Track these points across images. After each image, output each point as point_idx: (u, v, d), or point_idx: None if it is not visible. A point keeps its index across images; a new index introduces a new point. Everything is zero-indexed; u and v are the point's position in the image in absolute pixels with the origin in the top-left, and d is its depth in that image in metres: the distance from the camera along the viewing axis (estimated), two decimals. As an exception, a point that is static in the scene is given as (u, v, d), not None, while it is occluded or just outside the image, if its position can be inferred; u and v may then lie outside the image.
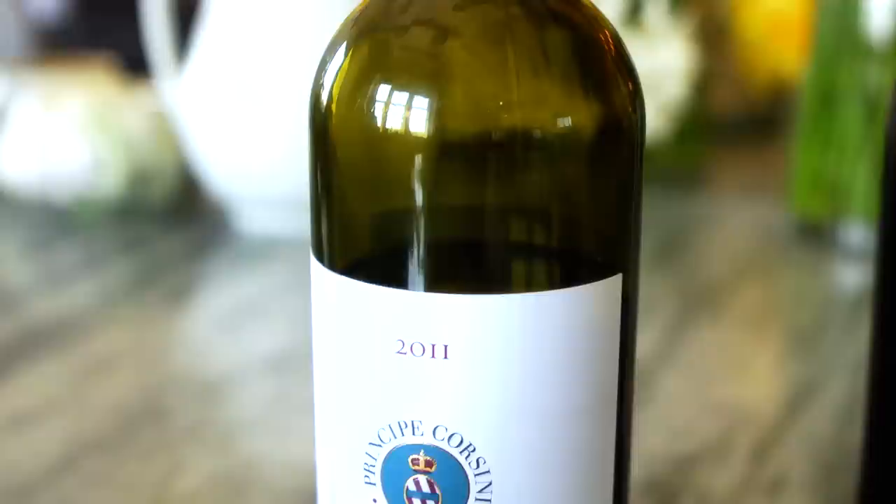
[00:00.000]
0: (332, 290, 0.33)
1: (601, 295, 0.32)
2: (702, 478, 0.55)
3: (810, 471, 0.56)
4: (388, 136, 0.32)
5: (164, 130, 0.88)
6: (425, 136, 0.32)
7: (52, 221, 0.88)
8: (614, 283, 0.33)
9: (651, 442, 0.58)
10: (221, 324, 0.74)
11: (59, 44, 1.35)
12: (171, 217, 0.89)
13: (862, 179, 0.81)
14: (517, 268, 0.33)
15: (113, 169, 0.85)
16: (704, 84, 0.96)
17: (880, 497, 0.40)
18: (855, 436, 0.44)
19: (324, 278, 0.34)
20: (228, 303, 0.77)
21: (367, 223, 0.34)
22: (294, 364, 0.66)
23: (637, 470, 0.55)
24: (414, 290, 0.32)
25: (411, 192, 0.32)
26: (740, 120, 1.09)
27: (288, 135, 0.81)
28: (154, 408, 0.62)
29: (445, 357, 0.32)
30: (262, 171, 0.83)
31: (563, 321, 0.32)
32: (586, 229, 0.33)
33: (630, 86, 0.34)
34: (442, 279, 0.32)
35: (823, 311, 0.77)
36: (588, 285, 0.32)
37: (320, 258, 0.34)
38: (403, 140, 0.32)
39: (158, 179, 0.88)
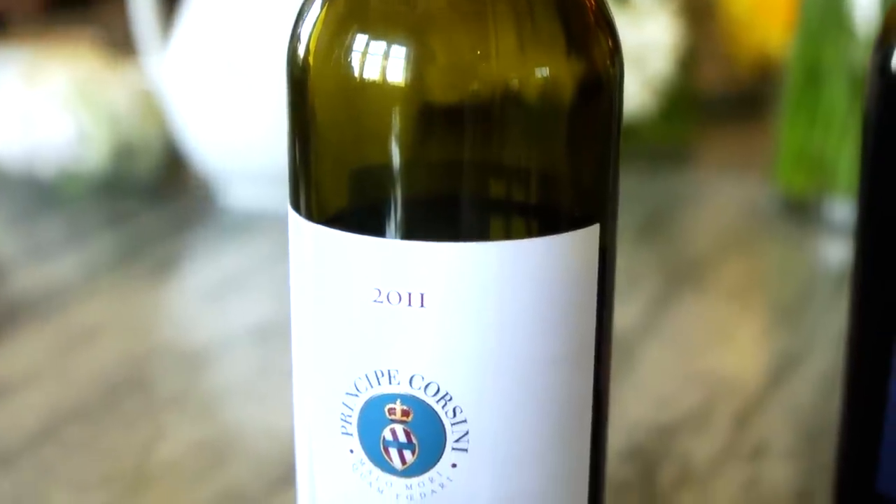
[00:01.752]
0: (310, 240, 0.33)
1: (578, 244, 0.32)
2: (684, 445, 0.55)
3: (792, 439, 0.56)
4: (365, 87, 0.32)
5: (149, 105, 0.88)
6: (403, 86, 0.32)
7: (37, 195, 0.87)
8: (591, 232, 0.33)
9: (634, 411, 0.58)
10: (205, 295, 0.74)
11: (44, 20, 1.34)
12: (156, 192, 0.89)
13: (847, 156, 0.81)
14: (494, 216, 0.33)
15: (97, 143, 0.85)
16: (690, 60, 0.95)
17: (860, 464, 0.40)
18: (836, 405, 0.45)
19: (301, 229, 0.33)
20: (213, 275, 0.77)
21: (345, 174, 0.34)
22: (277, 335, 0.66)
23: (620, 438, 0.55)
24: (391, 238, 0.32)
25: (389, 143, 0.32)
26: (726, 97, 1.09)
27: (272, 110, 0.81)
28: (137, 377, 0.62)
29: (422, 305, 0.32)
30: (247, 146, 0.83)
31: (540, 270, 0.32)
32: (564, 180, 0.33)
33: (610, 41, 0.34)
34: (419, 227, 0.32)
35: (807, 286, 0.77)
36: (565, 234, 0.32)
37: (297, 209, 0.34)
38: (381, 90, 0.32)
39: (143, 154, 0.87)
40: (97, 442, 0.55)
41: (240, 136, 0.83)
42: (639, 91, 0.89)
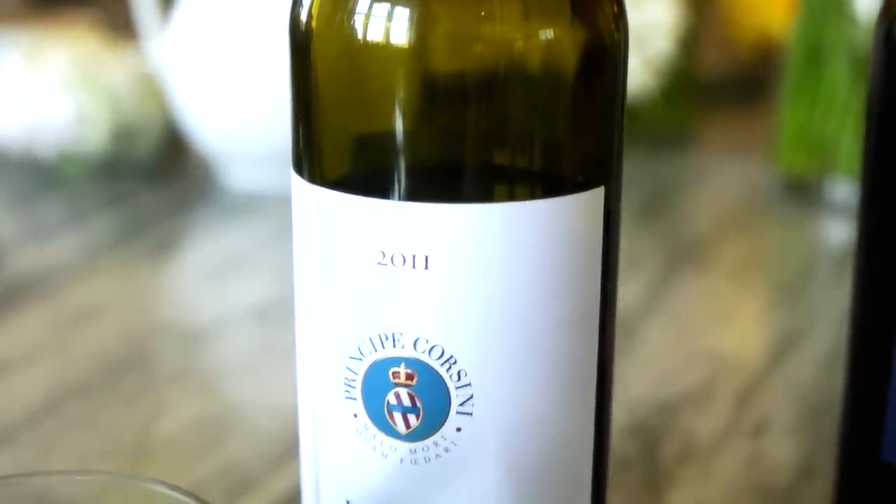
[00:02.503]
0: (313, 203, 0.33)
1: (583, 206, 0.32)
2: (686, 422, 0.55)
3: (793, 415, 0.56)
4: (368, 50, 0.32)
5: (149, 86, 0.88)
6: (406, 48, 0.32)
7: (36, 177, 0.87)
8: (596, 195, 0.33)
9: (636, 388, 0.58)
10: (206, 275, 0.73)
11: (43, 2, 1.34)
12: (156, 173, 0.89)
13: (848, 136, 0.81)
14: (498, 178, 0.32)
15: (97, 124, 0.85)
16: (691, 42, 0.95)
17: (863, 432, 0.40)
18: (838, 383, 0.45)
19: (305, 192, 0.33)
20: (213, 255, 0.77)
21: (349, 137, 0.33)
22: (278, 314, 0.66)
23: (622, 415, 0.55)
24: (394, 199, 0.32)
25: (393, 106, 0.32)
26: (727, 80, 1.08)
27: (273, 90, 0.81)
28: (137, 355, 0.62)
29: (426, 268, 0.31)
30: (247, 127, 0.83)
31: (544, 232, 0.32)
32: (569, 143, 0.33)
33: (614, 5, 0.34)
34: (423, 189, 0.32)
35: (808, 266, 0.77)
36: (570, 196, 0.32)
37: (301, 172, 0.34)
38: (384, 54, 0.32)
39: (143, 135, 0.87)
40: (98, 418, 0.55)
41: (240, 117, 0.83)
42: (640, 71, 0.89)
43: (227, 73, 0.82)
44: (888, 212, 0.39)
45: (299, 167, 0.34)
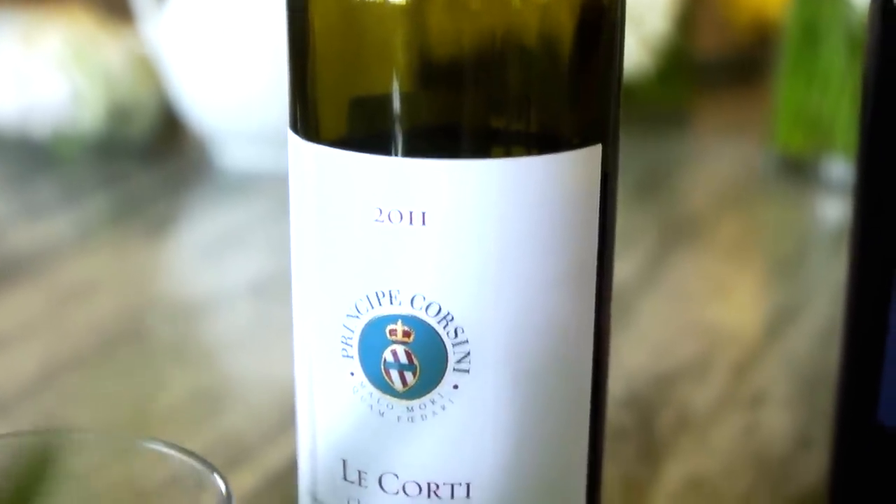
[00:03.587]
0: (310, 161, 0.33)
1: (580, 164, 0.32)
2: (683, 394, 0.55)
3: (789, 388, 0.56)
4: (365, 6, 0.32)
5: (145, 66, 0.88)
6: (403, 4, 0.31)
7: (32, 156, 0.87)
8: (593, 153, 0.33)
9: (632, 361, 0.58)
10: (202, 252, 0.73)
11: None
12: (151, 152, 0.89)
13: (844, 114, 0.81)
14: (496, 135, 0.32)
15: (92, 104, 0.85)
16: (687, 21, 0.95)
17: (858, 403, 0.40)
18: (834, 355, 0.45)
19: (301, 150, 0.33)
20: (209, 233, 0.77)
21: (346, 94, 0.33)
22: (274, 289, 0.66)
23: (619, 387, 0.55)
24: (392, 156, 0.32)
25: (391, 64, 0.32)
26: (724, 62, 1.08)
27: (269, 69, 0.81)
28: (134, 329, 0.62)
29: (423, 224, 0.31)
30: (243, 107, 0.83)
31: (541, 188, 0.32)
32: (567, 101, 0.33)
33: None
34: (420, 145, 0.32)
35: (804, 243, 0.77)
36: (567, 153, 0.32)
37: (297, 131, 0.34)
38: (381, 10, 0.32)
39: (138, 115, 0.87)
40: (95, 391, 0.55)
41: (235, 97, 0.83)
42: (636, 50, 0.89)
43: (222, 53, 0.82)
44: (883, 189, 0.39)
45: (296, 126, 0.34)
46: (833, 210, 0.81)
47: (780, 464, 0.50)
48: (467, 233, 0.31)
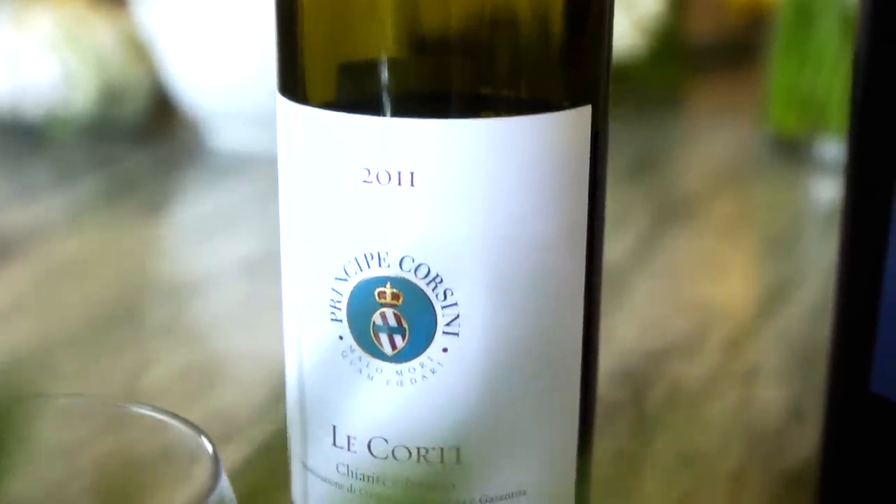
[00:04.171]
0: (299, 123, 0.33)
1: (570, 124, 0.32)
2: (676, 369, 0.55)
3: (782, 363, 0.56)
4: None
5: (137, 47, 0.87)
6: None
7: (24, 138, 0.87)
8: (583, 113, 0.32)
9: (625, 337, 0.58)
10: (194, 232, 0.73)
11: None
12: (144, 134, 0.88)
13: (838, 94, 0.81)
14: (485, 94, 0.32)
15: (84, 85, 0.84)
16: (680, 4, 0.95)
17: (851, 373, 0.40)
18: (827, 332, 0.44)
19: (290, 112, 0.33)
20: (201, 214, 0.76)
21: (335, 53, 0.33)
22: (265, 268, 0.66)
23: (611, 363, 0.55)
24: (380, 115, 0.31)
25: (379, 24, 0.32)
26: (717, 46, 1.08)
27: (260, 51, 0.81)
28: (125, 308, 0.62)
29: (412, 185, 0.31)
30: (235, 88, 0.83)
31: (530, 148, 0.31)
32: (556, 60, 0.33)
33: None
34: (408, 105, 0.31)
35: (798, 222, 0.77)
36: (556, 113, 0.32)
37: (286, 94, 0.33)
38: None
39: (130, 96, 0.87)
40: (86, 367, 0.55)
41: (227, 78, 0.82)
42: (628, 30, 0.88)
43: (214, 34, 0.82)
44: (873, 168, 0.39)
45: (285, 88, 0.33)
46: (827, 190, 0.81)
47: (773, 438, 0.49)
48: (456, 193, 0.31)
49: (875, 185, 0.39)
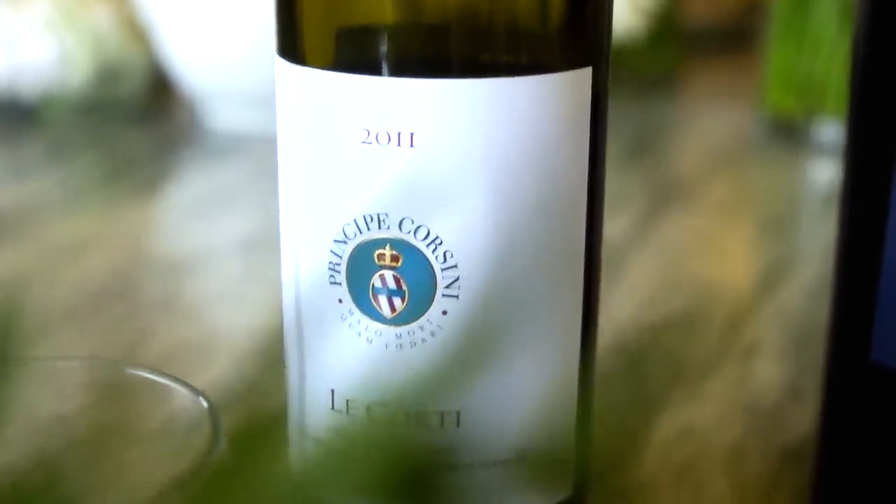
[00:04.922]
0: (298, 84, 0.32)
1: (571, 86, 0.32)
2: (675, 346, 0.55)
3: (781, 341, 0.56)
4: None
5: (133, 26, 0.87)
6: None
7: (20, 117, 0.86)
8: (584, 75, 0.32)
9: (623, 314, 0.58)
10: (191, 211, 0.73)
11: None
12: (141, 114, 0.88)
13: (836, 77, 0.81)
14: (485, 54, 0.32)
15: (80, 64, 0.84)
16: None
17: (851, 342, 0.40)
18: (825, 311, 0.44)
19: (288, 74, 0.33)
20: (198, 193, 0.76)
21: (334, 13, 0.33)
22: (262, 246, 0.66)
23: (610, 338, 0.55)
24: (379, 75, 0.31)
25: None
26: (714, 30, 1.08)
27: (258, 30, 0.80)
28: (123, 284, 0.62)
29: (411, 145, 0.31)
30: (233, 68, 0.82)
31: (531, 109, 0.31)
32: (558, 21, 0.33)
33: None
34: (408, 64, 0.31)
35: (796, 204, 0.77)
36: (557, 74, 0.32)
37: (285, 56, 0.33)
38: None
39: (127, 76, 0.87)
40: (83, 343, 0.55)
41: (224, 58, 0.82)
42: (627, 13, 0.88)
43: (211, 13, 0.82)
44: (872, 151, 0.39)
45: (284, 51, 0.33)
46: (824, 172, 0.81)
47: (772, 414, 0.49)
48: (456, 154, 0.31)
49: (875, 161, 0.39)
